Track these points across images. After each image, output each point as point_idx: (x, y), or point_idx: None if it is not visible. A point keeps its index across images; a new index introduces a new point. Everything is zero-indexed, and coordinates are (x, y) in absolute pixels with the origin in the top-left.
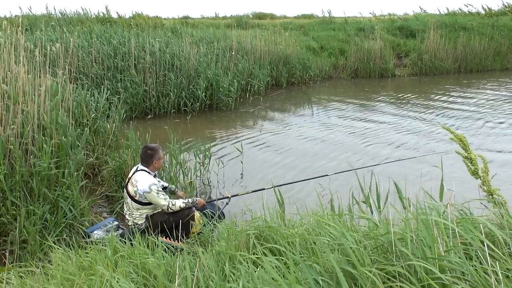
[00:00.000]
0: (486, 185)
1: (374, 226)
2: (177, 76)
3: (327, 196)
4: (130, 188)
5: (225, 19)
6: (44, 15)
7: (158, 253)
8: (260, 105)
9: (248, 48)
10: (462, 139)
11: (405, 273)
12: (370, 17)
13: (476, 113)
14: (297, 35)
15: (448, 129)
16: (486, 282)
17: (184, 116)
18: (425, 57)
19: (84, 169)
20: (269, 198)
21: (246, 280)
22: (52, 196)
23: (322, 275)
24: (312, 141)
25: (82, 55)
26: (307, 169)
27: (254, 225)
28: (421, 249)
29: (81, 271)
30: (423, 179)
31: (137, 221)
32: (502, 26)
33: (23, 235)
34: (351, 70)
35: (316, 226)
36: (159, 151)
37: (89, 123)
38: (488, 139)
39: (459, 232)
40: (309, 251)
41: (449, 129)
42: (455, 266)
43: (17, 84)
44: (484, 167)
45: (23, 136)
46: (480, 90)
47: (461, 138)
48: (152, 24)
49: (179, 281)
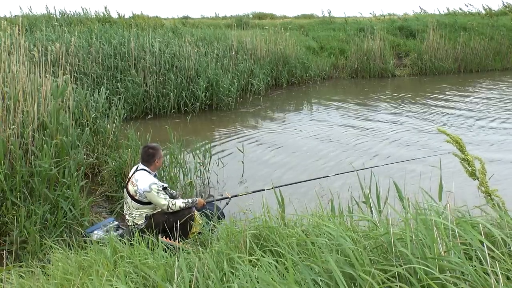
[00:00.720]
0: (484, 186)
1: (373, 226)
2: (177, 76)
3: (326, 196)
4: (130, 188)
5: (225, 19)
6: (44, 15)
7: (158, 253)
8: (260, 105)
9: (248, 48)
10: (458, 140)
11: (405, 273)
12: (370, 17)
13: (476, 112)
14: (297, 35)
15: (443, 131)
16: (486, 283)
17: (184, 116)
18: (425, 57)
19: (84, 169)
20: (269, 198)
21: (245, 280)
22: (52, 196)
23: (321, 276)
24: (312, 141)
25: (82, 55)
26: (308, 169)
27: (254, 225)
28: (421, 249)
29: (80, 271)
30: (423, 179)
31: (137, 221)
32: (502, 26)
33: (23, 235)
34: (351, 70)
35: (315, 226)
36: (160, 151)
37: (89, 123)
38: (488, 138)
39: (458, 232)
40: (309, 251)
41: (445, 131)
42: (455, 266)
43: (17, 84)
44: (482, 168)
45: (24, 136)
46: (480, 90)
47: (457, 140)
48: (152, 24)
49: (178, 281)
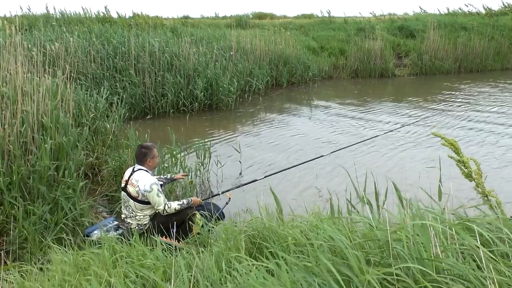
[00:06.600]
0: (480, 187)
1: (370, 226)
2: (176, 76)
3: (325, 196)
4: (131, 190)
5: (225, 19)
6: (44, 15)
7: (157, 253)
8: (260, 105)
9: (248, 48)
10: (454, 143)
11: (401, 274)
12: (370, 17)
13: (476, 112)
14: (297, 35)
15: (438, 134)
16: (482, 284)
17: (183, 116)
18: (425, 57)
19: (84, 169)
20: (267, 198)
21: (242, 280)
22: (53, 196)
23: (317, 277)
24: (312, 141)
25: (81, 55)
26: (308, 168)
27: (252, 225)
28: (417, 251)
29: (79, 271)
30: (422, 178)
31: (142, 222)
32: (502, 26)
33: (23, 235)
34: (351, 70)
35: (313, 227)
36: (153, 150)
37: (88, 123)
38: (489, 137)
39: (455, 233)
40: (308, 252)
41: (440, 134)
42: (451, 267)
43: (16, 84)
44: (477, 169)
45: (23, 135)
46: (480, 90)
47: (452, 143)
48: (152, 24)
49: (177, 281)
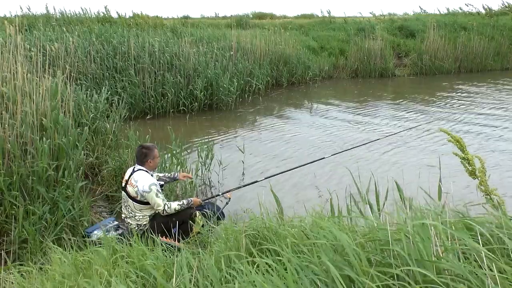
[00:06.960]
0: (483, 185)
1: (372, 226)
2: (176, 76)
3: (325, 196)
4: (130, 190)
5: (225, 19)
6: (44, 15)
7: (157, 253)
8: (260, 105)
9: (248, 48)
10: (459, 140)
11: (402, 275)
12: (370, 17)
13: (476, 112)
14: (297, 35)
15: (445, 131)
16: (482, 284)
17: (183, 116)
18: (425, 57)
19: (84, 169)
20: (267, 198)
21: (243, 280)
22: (52, 196)
23: (319, 276)
24: (312, 141)
25: (81, 55)
26: (308, 168)
27: (252, 225)
28: (417, 250)
29: (79, 271)
30: (422, 179)
31: (141, 222)
32: (502, 26)
33: (22, 235)
34: (351, 70)
35: (314, 226)
36: (154, 150)
37: (88, 123)
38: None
39: (455, 233)
40: (310, 251)
41: (446, 130)
42: (452, 268)
43: (16, 84)
44: (482, 167)
45: (22, 136)
46: (480, 90)
47: (458, 139)
48: (152, 24)
49: (178, 281)
